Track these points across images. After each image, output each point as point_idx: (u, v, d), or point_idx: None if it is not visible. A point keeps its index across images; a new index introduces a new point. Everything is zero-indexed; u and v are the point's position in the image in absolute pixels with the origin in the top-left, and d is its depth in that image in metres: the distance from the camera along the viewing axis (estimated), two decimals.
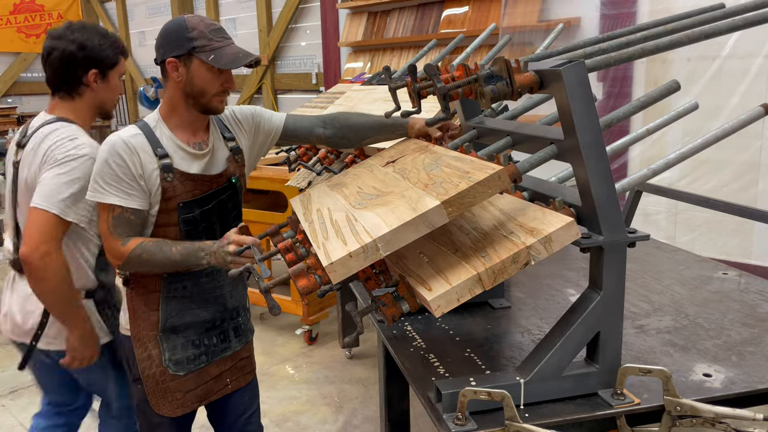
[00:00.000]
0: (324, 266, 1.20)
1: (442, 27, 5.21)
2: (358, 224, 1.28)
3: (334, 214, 1.43)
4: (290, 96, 7.18)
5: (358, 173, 1.71)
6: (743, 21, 1.58)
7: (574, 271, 2.16)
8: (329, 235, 1.32)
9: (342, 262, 1.18)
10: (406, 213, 1.21)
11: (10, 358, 3.96)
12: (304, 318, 4.04)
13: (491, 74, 1.33)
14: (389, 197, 1.36)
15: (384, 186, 1.47)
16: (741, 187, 3.55)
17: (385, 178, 1.54)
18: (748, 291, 1.93)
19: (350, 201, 1.47)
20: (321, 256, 1.24)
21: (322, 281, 1.27)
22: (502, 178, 1.22)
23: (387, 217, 1.24)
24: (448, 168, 1.36)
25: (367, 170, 1.69)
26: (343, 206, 1.46)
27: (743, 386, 1.36)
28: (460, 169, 1.32)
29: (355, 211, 1.37)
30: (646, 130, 1.58)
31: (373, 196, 1.42)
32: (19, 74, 10.19)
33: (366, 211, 1.34)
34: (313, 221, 1.47)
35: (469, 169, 1.29)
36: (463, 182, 1.22)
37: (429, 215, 1.19)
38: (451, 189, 1.22)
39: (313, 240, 1.35)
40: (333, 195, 1.59)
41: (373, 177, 1.59)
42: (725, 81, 3.49)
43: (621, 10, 3.93)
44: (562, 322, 1.30)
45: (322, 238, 1.33)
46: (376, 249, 1.19)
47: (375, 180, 1.56)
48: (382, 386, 2.17)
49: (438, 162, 1.45)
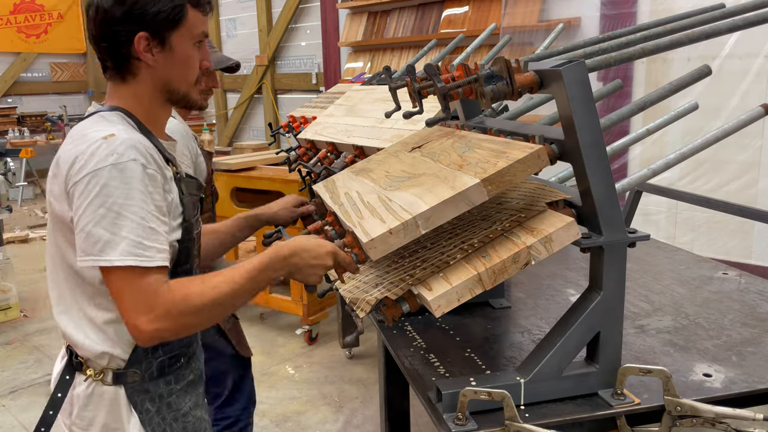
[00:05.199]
0: (363, 243, 1.19)
1: (442, 27, 5.21)
2: (394, 203, 1.27)
3: (364, 196, 1.42)
4: (290, 96, 7.19)
5: (383, 159, 1.67)
6: (743, 21, 1.58)
7: (574, 271, 2.16)
8: (364, 215, 1.30)
9: (382, 239, 1.18)
10: (445, 191, 1.21)
11: (10, 359, 3.97)
12: (304, 318, 4.04)
13: (491, 74, 1.33)
14: (422, 179, 1.35)
15: (413, 169, 1.46)
16: (741, 186, 3.55)
17: (414, 161, 1.52)
18: (748, 291, 1.93)
19: (379, 184, 1.44)
20: (359, 233, 1.23)
21: (359, 259, 1.26)
22: (541, 157, 1.23)
23: (425, 196, 1.24)
24: (481, 150, 1.36)
25: (392, 156, 1.66)
26: (372, 189, 1.43)
27: (743, 386, 1.36)
28: (496, 150, 1.32)
29: (388, 192, 1.35)
30: (646, 130, 1.58)
31: (404, 179, 1.40)
32: (19, 74, 10.18)
33: (400, 192, 1.33)
34: (343, 203, 1.45)
35: (506, 149, 1.29)
36: (501, 161, 1.23)
37: (469, 193, 1.19)
38: (490, 168, 1.22)
39: (347, 220, 1.33)
40: (359, 179, 1.57)
41: (400, 161, 1.57)
42: (725, 81, 3.49)
43: (621, 10, 3.93)
44: (562, 322, 1.30)
45: (356, 218, 1.31)
46: (416, 226, 1.18)
47: (403, 164, 1.54)
48: (382, 386, 2.17)
49: (469, 144, 1.44)
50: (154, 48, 1.26)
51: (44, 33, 10.30)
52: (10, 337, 4.32)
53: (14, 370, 3.80)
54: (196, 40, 1.31)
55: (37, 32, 10.24)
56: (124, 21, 1.23)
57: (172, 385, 1.37)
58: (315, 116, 2.78)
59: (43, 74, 10.54)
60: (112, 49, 1.26)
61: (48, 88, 10.55)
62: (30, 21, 10.14)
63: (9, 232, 6.76)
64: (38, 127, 9.60)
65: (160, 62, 1.27)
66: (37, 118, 9.77)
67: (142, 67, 1.28)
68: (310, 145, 2.55)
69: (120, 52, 1.26)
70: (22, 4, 10.02)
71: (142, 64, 1.28)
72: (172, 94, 1.33)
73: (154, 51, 1.26)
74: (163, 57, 1.27)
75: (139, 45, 1.24)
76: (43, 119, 9.68)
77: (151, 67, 1.28)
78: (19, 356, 4.01)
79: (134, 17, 1.22)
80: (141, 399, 1.32)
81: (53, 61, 10.57)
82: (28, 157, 7.48)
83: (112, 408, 1.31)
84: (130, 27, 1.23)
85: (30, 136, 9.12)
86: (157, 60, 1.27)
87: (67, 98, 10.31)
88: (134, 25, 1.23)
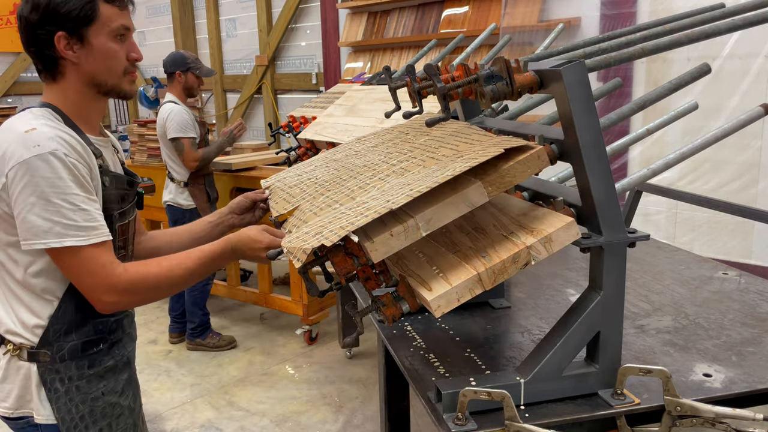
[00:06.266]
0: (365, 245, 1.20)
1: (442, 27, 5.21)
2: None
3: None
4: (290, 96, 7.18)
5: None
6: (743, 21, 1.58)
7: (574, 271, 2.16)
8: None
9: (382, 241, 1.18)
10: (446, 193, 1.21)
11: None
12: (304, 318, 4.04)
13: (491, 74, 1.33)
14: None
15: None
16: (741, 186, 3.56)
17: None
18: (748, 291, 1.93)
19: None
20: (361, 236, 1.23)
21: (359, 262, 1.27)
22: (541, 157, 1.23)
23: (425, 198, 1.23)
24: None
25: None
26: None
27: (743, 386, 1.36)
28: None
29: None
30: (646, 130, 1.58)
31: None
32: (19, 74, 10.19)
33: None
34: None
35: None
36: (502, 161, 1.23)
37: (469, 194, 1.20)
38: (490, 168, 1.22)
39: None
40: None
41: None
42: (725, 81, 3.50)
43: (621, 10, 3.93)
44: (562, 322, 1.30)
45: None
46: (417, 228, 1.19)
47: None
48: (382, 386, 2.17)
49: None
50: (74, 45, 1.37)
51: None
52: None
53: None
54: (116, 33, 1.40)
55: None
56: (42, 24, 1.34)
57: (85, 369, 1.45)
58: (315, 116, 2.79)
59: None
60: (39, 52, 1.38)
61: None
62: None
63: None
64: None
65: (82, 58, 1.38)
66: None
67: (68, 66, 1.39)
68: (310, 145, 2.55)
69: (46, 54, 1.38)
70: None
71: (68, 63, 1.39)
72: (101, 87, 1.43)
73: (75, 48, 1.37)
74: (84, 53, 1.38)
75: (59, 44, 1.35)
76: None
77: (75, 64, 1.39)
78: None
79: (50, 19, 1.34)
80: (51, 378, 1.41)
81: None
82: None
83: (26, 383, 1.42)
84: (48, 29, 1.35)
85: None
86: (79, 56, 1.38)
87: None
88: (51, 26, 1.34)
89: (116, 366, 1.52)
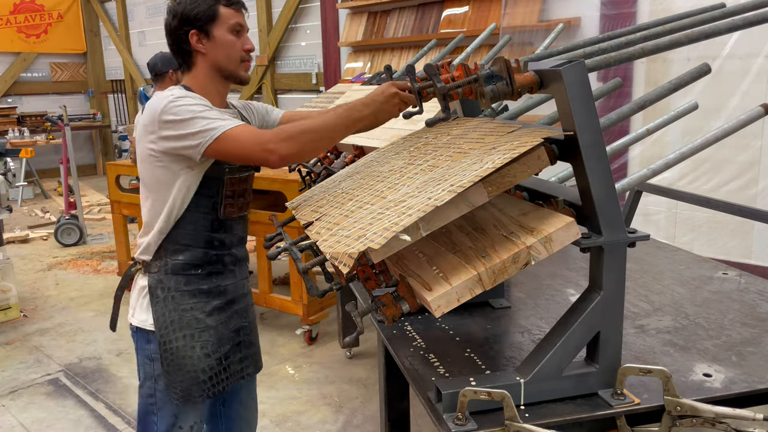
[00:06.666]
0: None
1: (442, 27, 5.21)
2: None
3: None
4: (290, 96, 7.19)
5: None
6: (743, 21, 1.58)
7: (574, 271, 2.16)
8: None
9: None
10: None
11: (10, 359, 3.97)
12: (304, 318, 4.04)
13: (491, 74, 1.33)
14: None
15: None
16: (741, 186, 3.56)
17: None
18: (748, 291, 1.93)
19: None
20: None
21: (360, 262, 1.27)
22: (541, 157, 1.23)
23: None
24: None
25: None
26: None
27: (743, 386, 1.36)
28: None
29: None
30: (646, 130, 1.58)
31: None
32: (19, 74, 10.19)
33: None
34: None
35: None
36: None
37: (469, 194, 1.20)
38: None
39: None
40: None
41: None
42: (725, 81, 3.50)
43: (621, 10, 3.94)
44: (562, 322, 1.30)
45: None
46: (417, 228, 1.19)
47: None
48: (382, 386, 2.17)
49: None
50: (203, 39, 1.75)
51: (44, 33, 10.31)
52: (10, 337, 4.32)
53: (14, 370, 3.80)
54: (232, 29, 1.77)
55: (37, 32, 10.25)
56: (180, 26, 1.74)
57: (182, 285, 1.78)
58: None
59: (43, 74, 10.55)
60: (180, 49, 1.78)
61: (48, 88, 10.56)
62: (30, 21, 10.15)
63: (9, 232, 6.76)
64: (38, 127, 9.60)
65: (209, 49, 1.76)
66: (37, 118, 9.77)
67: (198, 57, 1.78)
68: None
69: (184, 49, 1.78)
70: (22, 4, 10.03)
71: (198, 54, 1.77)
72: (223, 71, 1.78)
73: (203, 41, 1.75)
74: (210, 45, 1.76)
75: (192, 39, 1.74)
76: (43, 119, 9.67)
77: (204, 54, 1.77)
78: (19, 356, 4.01)
79: (184, 21, 1.73)
80: (155, 286, 1.78)
81: (53, 61, 10.58)
82: (28, 157, 7.46)
83: (142, 290, 1.82)
84: (184, 29, 1.74)
85: (30, 136, 9.11)
86: (206, 48, 1.76)
87: (67, 98, 10.31)
88: (186, 26, 1.73)
89: (210, 291, 1.82)
